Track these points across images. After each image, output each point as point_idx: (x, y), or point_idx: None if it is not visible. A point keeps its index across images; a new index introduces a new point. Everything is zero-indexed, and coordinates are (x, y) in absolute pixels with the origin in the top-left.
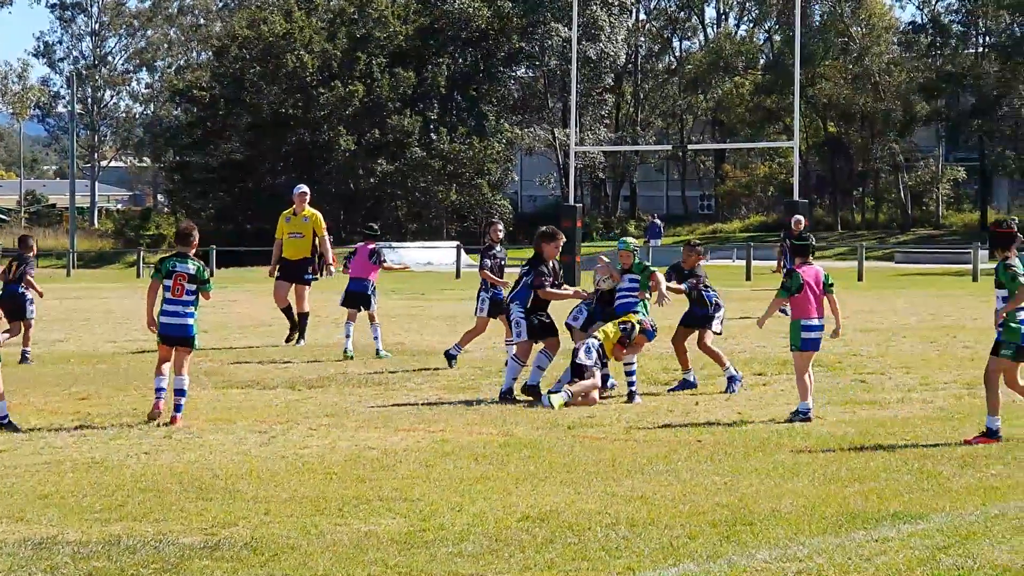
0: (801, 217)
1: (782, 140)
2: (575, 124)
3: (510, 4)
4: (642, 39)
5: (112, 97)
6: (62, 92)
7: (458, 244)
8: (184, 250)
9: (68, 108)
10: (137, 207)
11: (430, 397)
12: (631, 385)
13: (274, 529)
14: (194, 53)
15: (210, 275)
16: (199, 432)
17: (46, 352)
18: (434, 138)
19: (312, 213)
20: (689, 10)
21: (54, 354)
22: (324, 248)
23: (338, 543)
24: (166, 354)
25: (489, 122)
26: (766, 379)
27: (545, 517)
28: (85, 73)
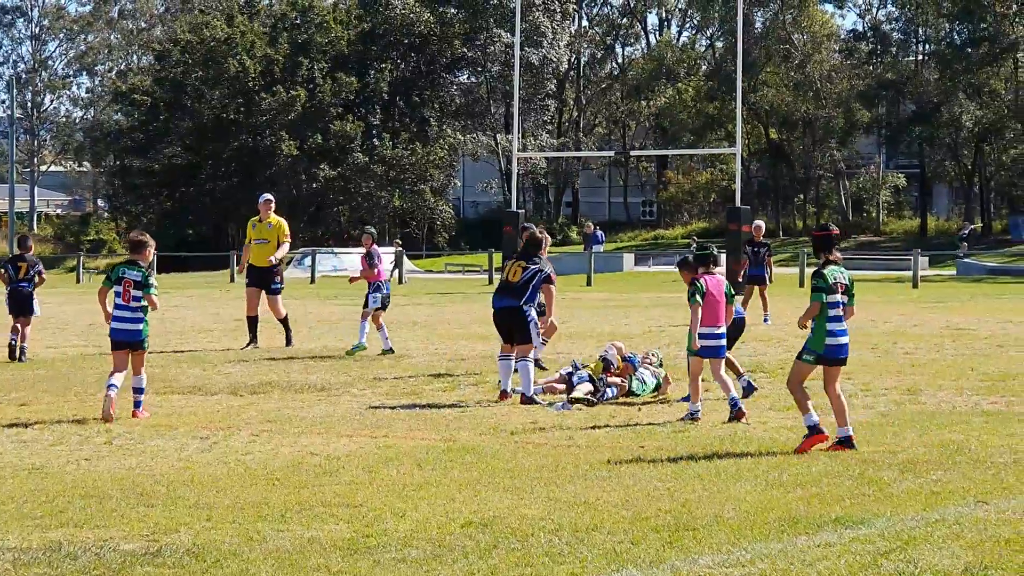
0: (761, 224)
1: (724, 146)
2: (517, 130)
3: (453, 10)
4: (585, 45)
5: (52, 101)
6: (1, 96)
7: (400, 250)
8: (136, 258)
9: (7, 112)
10: (77, 212)
11: (373, 403)
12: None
13: (216, 535)
14: (135, 57)
15: (154, 281)
16: (140, 438)
17: None
18: (376, 143)
19: (277, 220)
20: (631, 17)
21: None
22: (280, 252)
23: (281, 549)
24: (120, 362)
25: (432, 128)
26: (707, 385)
27: (488, 523)
28: (25, 77)
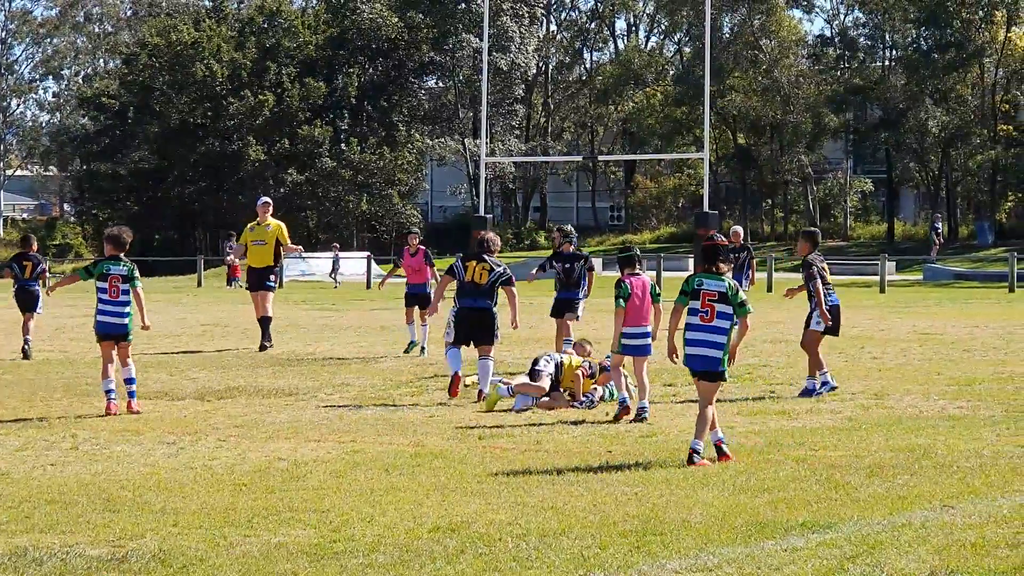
0: (739, 229)
1: (692, 151)
2: (485, 134)
3: (421, 15)
4: (553, 50)
5: (18, 106)
6: None
7: (369, 254)
8: (118, 253)
9: None
10: (43, 217)
11: (341, 407)
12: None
13: (183, 541)
14: (102, 61)
15: (138, 275)
16: (106, 443)
17: None
18: (344, 148)
19: (275, 223)
20: (599, 21)
21: None
22: (286, 249)
23: (247, 555)
24: (108, 354)
25: (400, 132)
26: (675, 390)
27: (456, 528)
28: None
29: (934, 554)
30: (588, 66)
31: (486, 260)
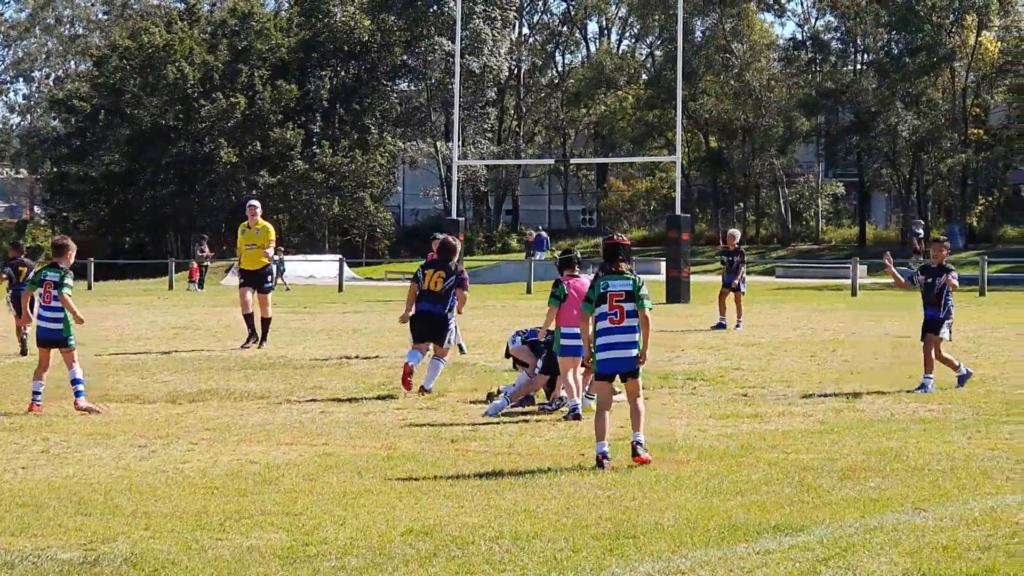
0: (736, 232)
1: (664, 154)
2: (458, 137)
3: (393, 17)
4: (525, 53)
5: None
6: None
7: (341, 257)
8: (57, 260)
9: None
10: (13, 219)
11: (313, 410)
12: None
13: (155, 544)
14: (73, 64)
15: (69, 282)
16: (77, 447)
17: None
18: (317, 151)
19: (263, 225)
20: (571, 25)
21: None
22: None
23: (220, 558)
24: (45, 360)
25: (372, 135)
26: (647, 393)
27: (429, 531)
28: None
29: (906, 557)
30: (560, 69)
31: (443, 269)
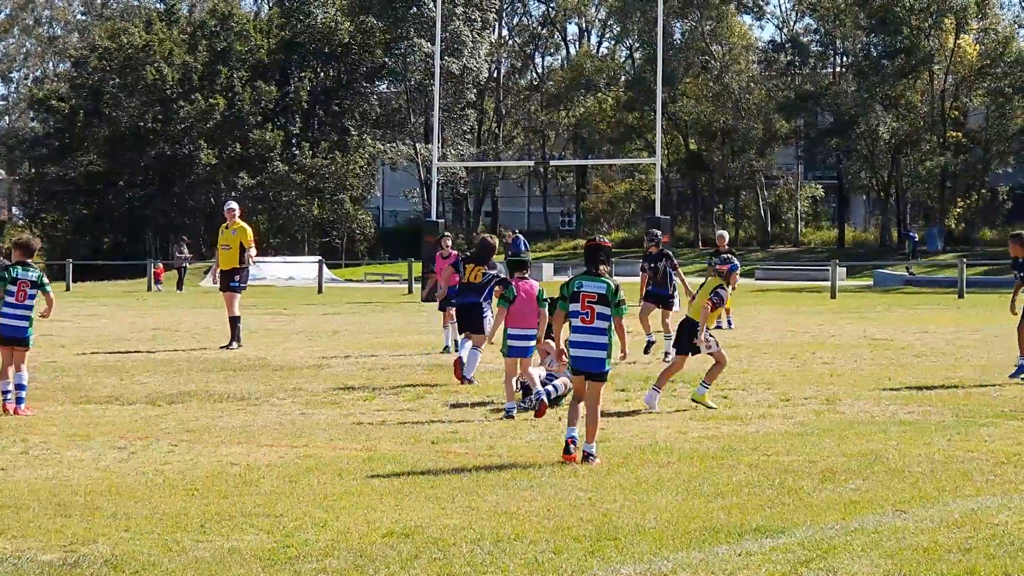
0: (724, 233)
1: (644, 157)
2: (437, 139)
3: (373, 19)
4: (504, 55)
5: None
6: None
7: (320, 259)
8: (26, 260)
9: None
10: None
11: (293, 412)
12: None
13: (135, 546)
14: (51, 64)
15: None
16: (57, 448)
17: None
18: (296, 153)
19: (240, 226)
20: (551, 27)
21: None
22: (245, 257)
23: (200, 560)
24: (6, 356)
25: (352, 137)
26: (628, 395)
27: (410, 533)
28: None
29: (886, 559)
30: (540, 71)
31: (483, 264)
